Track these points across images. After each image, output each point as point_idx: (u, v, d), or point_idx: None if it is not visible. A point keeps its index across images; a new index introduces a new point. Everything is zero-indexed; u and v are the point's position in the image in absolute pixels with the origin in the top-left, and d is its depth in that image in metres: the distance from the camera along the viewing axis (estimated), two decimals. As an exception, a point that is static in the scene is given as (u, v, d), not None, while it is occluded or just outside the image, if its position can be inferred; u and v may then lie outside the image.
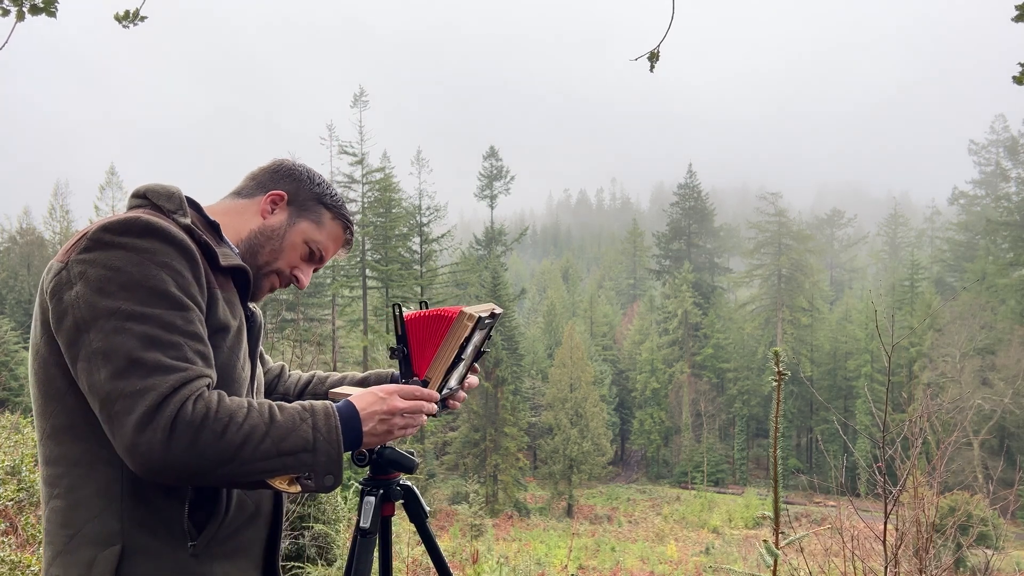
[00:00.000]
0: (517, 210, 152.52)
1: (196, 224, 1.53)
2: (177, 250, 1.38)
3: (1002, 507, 8.85)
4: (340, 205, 1.75)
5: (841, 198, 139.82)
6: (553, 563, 17.13)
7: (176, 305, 1.35)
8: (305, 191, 1.71)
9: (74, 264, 1.34)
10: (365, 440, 1.49)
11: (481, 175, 59.75)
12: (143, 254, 1.34)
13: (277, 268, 1.68)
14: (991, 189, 63.82)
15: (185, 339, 1.34)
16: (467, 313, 1.59)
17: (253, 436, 1.33)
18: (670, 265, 63.51)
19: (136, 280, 1.32)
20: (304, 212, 1.70)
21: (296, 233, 1.68)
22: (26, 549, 4.27)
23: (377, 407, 1.50)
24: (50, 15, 3.10)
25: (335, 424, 1.42)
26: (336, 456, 1.41)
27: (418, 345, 1.63)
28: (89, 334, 1.30)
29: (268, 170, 1.73)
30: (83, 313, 1.30)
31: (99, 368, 1.28)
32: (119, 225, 1.36)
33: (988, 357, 42.73)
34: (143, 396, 1.27)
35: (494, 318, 1.71)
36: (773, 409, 2.71)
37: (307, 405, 1.43)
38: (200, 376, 1.34)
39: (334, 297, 43.83)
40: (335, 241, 1.75)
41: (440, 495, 37.54)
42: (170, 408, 1.27)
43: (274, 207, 1.68)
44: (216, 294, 1.47)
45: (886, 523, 3.52)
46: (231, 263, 1.54)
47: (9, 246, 48.95)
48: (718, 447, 50.43)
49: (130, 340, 1.29)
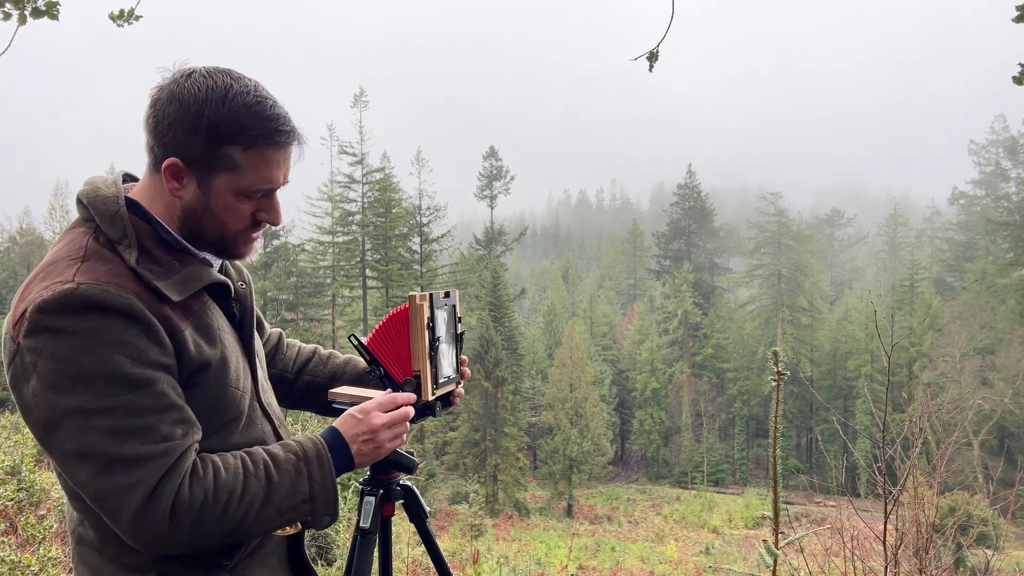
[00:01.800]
0: (517, 210, 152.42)
1: (142, 241, 1.39)
2: (124, 320, 1.27)
3: (1002, 507, 8.86)
4: (241, 127, 1.37)
5: (841, 198, 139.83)
6: (553, 563, 17.12)
7: (137, 384, 1.26)
8: (197, 142, 1.36)
9: (24, 351, 1.26)
10: (357, 462, 1.52)
11: (481, 175, 59.78)
12: (89, 337, 1.24)
13: (233, 234, 1.47)
14: (991, 189, 63.84)
15: (157, 416, 1.28)
16: (416, 295, 1.62)
17: (254, 506, 1.35)
18: (670, 265, 63.51)
19: (89, 371, 1.23)
20: (210, 168, 1.39)
21: (219, 196, 1.41)
22: (26, 549, 4.27)
23: (358, 429, 1.51)
24: (52, 18, 3.11)
25: (329, 470, 1.44)
26: (332, 499, 1.45)
27: (392, 354, 1.64)
28: (57, 434, 1.25)
29: (149, 126, 1.40)
30: (45, 413, 1.25)
31: (78, 468, 1.25)
32: (55, 304, 1.24)
33: (988, 357, 42.74)
34: (131, 492, 1.24)
35: (450, 295, 1.73)
36: (773, 409, 2.71)
37: (301, 453, 1.44)
38: (185, 450, 1.31)
39: (334, 297, 43.83)
40: (271, 166, 1.42)
41: (440, 495, 37.53)
42: (164, 499, 1.26)
43: (178, 184, 1.40)
44: (181, 337, 1.35)
45: (886, 523, 3.51)
46: (184, 296, 1.39)
47: (9, 246, 48.94)
48: (718, 447, 50.41)
49: (101, 439, 1.23)
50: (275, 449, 1.44)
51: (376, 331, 1.65)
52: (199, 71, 1.40)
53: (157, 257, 1.40)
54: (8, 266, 45.67)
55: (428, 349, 1.62)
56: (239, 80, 1.41)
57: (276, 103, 1.43)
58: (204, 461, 1.34)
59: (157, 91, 1.40)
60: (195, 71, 1.40)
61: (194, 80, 1.38)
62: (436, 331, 1.64)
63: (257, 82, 1.44)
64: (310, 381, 1.91)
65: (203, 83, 1.37)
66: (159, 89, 1.40)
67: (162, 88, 1.40)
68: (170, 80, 1.40)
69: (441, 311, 1.68)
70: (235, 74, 1.42)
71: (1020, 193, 57.93)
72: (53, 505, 5.16)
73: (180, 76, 1.40)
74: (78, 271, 1.30)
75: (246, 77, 1.43)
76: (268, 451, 1.43)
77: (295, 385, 1.92)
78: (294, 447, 1.45)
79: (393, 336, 1.64)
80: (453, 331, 1.76)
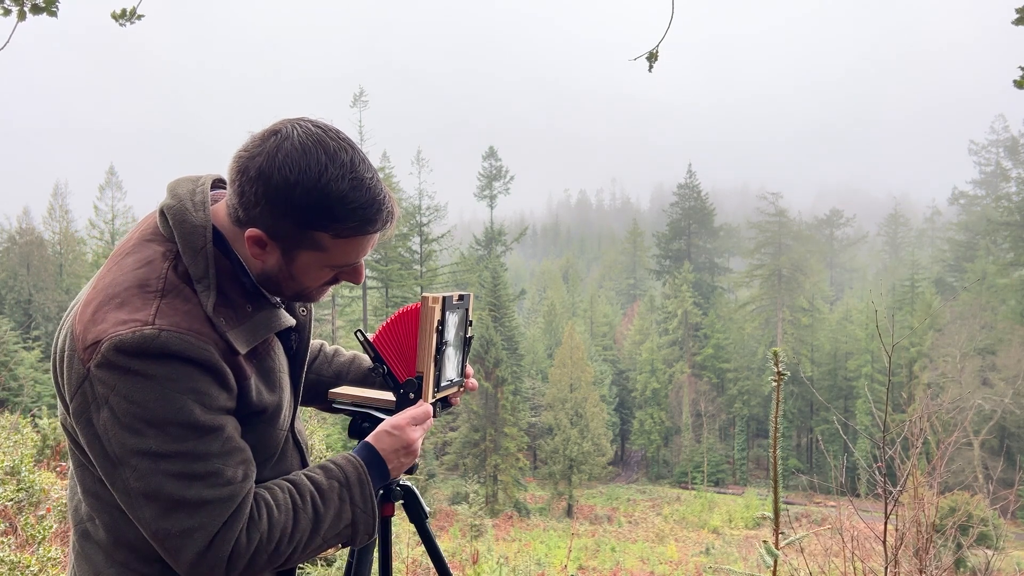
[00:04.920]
0: (517, 210, 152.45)
1: (221, 283, 1.37)
2: (199, 370, 1.27)
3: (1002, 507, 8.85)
4: (333, 218, 1.32)
5: (841, 198, 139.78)
6: (553, 563, 17.12)
7: (208, 430, 1.28)
8: (284, 224, 1.32)
9: (96, 381, 1.25)
10: (392, 476, 1.56)
11: (481, 175, 59.80)
12: (166, 384, 1.24)
13: (311, 291, 1.47)
14: (991, 189, 63.90)
15: (223, 460, 1.30)
16: (430, 296, 1.58)
17: (303, 540, 1.38)
18: (670, 265, 63.55)
19: (161, 416, 1.24)
20: (296, 246, 1.36)
21: (302, 268, 1.40)
22: (26, 549, 4.26)
23: (397, 445, 1.54)
24: (51, 15, 3.11)
25: (370, 493, 1.47)
26: (372, 521, 1.48)
27: (397, 353, 1.62)
28: (124, 470, 1.26)
29: (233, 190, 1.34)
30: (115, 449, 1.25)
31: (142, 507, 1.26)
32: (134, 347, 1.23)
33: (988, 357, 42.77)
34: (192, 536, 1.26)
35: (463, 299, 1.70)
36: (773, 409, 2.70)
37: (343, 479, 1.45)
38: (246, 495, 1.33)
39: (334, 297, 43.86)
40: (357, 249, 1.39)
41: (440, 495, 37.56)
42: (224, 545, 1.28)
43: (260, 250, 1.37)
44: (247, 385, 1.38)
45: (886, 523, 3.51)
46: (252, 345, 1.39)
47: (8, 246, 48.95)
48: (718, 447, 50.43)
49: (168, 481, 1.25)
50: (318, 476, 1.45)
51: (383, 328, 1.63)
52: (292, 140, 1.29)
53: (233, 300, 1.38)
54: (8, 266, 45.67)
55: (434, 352, 1.60)
56: (335, 158, 1.30)
57: (372, 183, 1.34)
58: (257, 501, 1.35)
59: (245, 158, 1.31)
60: (287, 138, 1.29)
61: (285, 156, 1.28)
62: (445, 335, 1.62)
63: (354, 155, 1.33)
64: (315, 379, 1.90)
65: (295, 162, 1.27)
66: (247, 156, 1.31)
67: (250, 156, 1.30)
68: (258, 146, 1.30)
69: (453, 314, 1.66)
70: (331, 147, 1.30)
71: (1020, 193, 57.95)
72: (53, 505, 5.15)
73: (271, 144, 1.29)
74: (158, 311, 1.27)
75: (343, 148, 1.32)
76: (313, 480, 1.44)
77: None
78: (336, 473, 1.45)
79: (400, 335, 1.62)
80: (462, 335, 1.74)
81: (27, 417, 9.39)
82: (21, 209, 57.84)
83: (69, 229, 51.82)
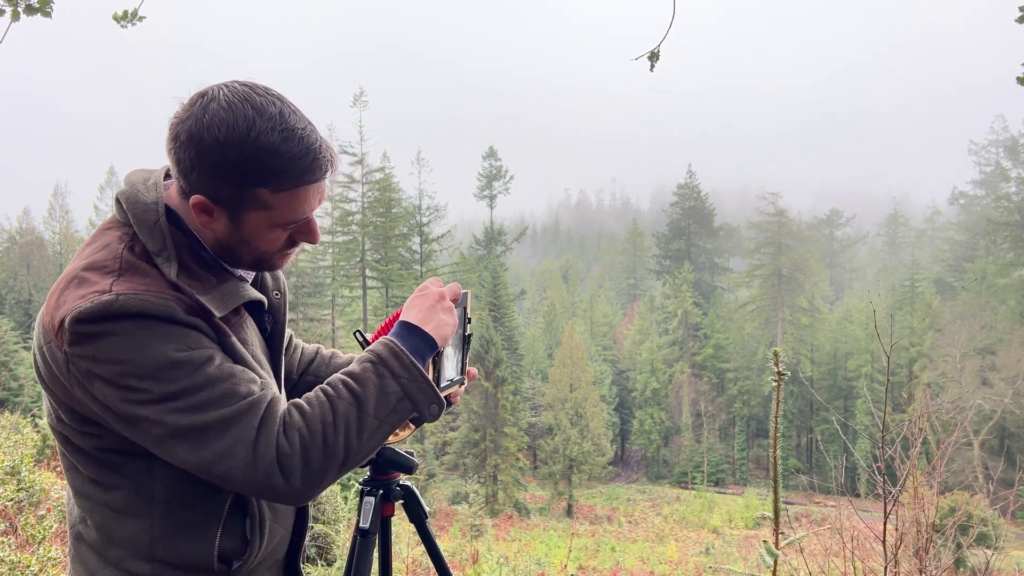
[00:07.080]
0: (517, 210, 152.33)
1: (180, 255, 1.36)
2: (165, 323, 1.25)
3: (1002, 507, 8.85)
4: (268, 171, 1.29)
5: (841, 198, 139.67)
6: (553, 563, 17.11)
7: (200, 363, 1.26)
8: (222, 186, 1.30)
9: (75, 359, 1.24)
10: (438, 339, 1.48)
11: (481, 175, 59.84)
12: (136, 336, 1.23)
13: (269, 255, 1.45)
14: (991, 189, 63.91)
15: (229, 382, 1.28)
16: None
17: (351, 425, 1.33)
18: (670, 265, 63.57)
19: (149, 364, 1.23)
20: (240, 207, 1.34)
21: (253, 230, 1.37)
22: (26, 549, 4.26)
23: (426, 304, 1.51)
24: (45, 15, 3.11)
25: (410, 361, 1.40)
26: (427, 386, 1.41)
27: None
28: (143, 425, 1.25)
29: (171, 160, 1.34)
30: (124, 410, 1.25)
31: (176, 450, 1.26)
32: (93, 314, 1.22)
33: (988, 357, 42.77)
34: (232, 454, 1.26)
35: (461, 297, 1.70)
36: (773, 409, 2.70)
37: (375, 359, 1.40)
38: (271, 400, 1.31)
39: (334, 297, 43.87)
40: (302, 203, 1.36)
41: (440, 495, 37.55)
42: (268, 452, 1.27)
43: (208, 218, 1.35)
44: (228, 342, 1.36)
45: (886, 523, 3.51)
46: (225, 312, 1.37)
47: (9, 246, 48.97)
48: (718, 447, 50.43)
49: (185, 416, 1.24)
50: (350, 367, 1.41)
51: (382, 328, 1.63)
52: (218, 100, 1.28)
53: (195, 272, 1.37)
54: (8, 266, 45.69)
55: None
56: (262, 111, 1.28)
57: (305, 133, 1.31)
58: (288, 408, 1.34)
59: (175, 124, 1.30)
60: (214, 99, 1.28)
61: (212, 116, 1.27)
62: None
63: (283, 107, 1.31)
64: (313, 381, 1.90)
65: (222, 120, 1.26)
66: (177, 122, 1.30)
67: (180, 121, 1.30)
68: (186, 111, 1.30)
69: None
70: (257, 101, 1.29)
71: (1020, 193, 57.98)
72: (53, 505, 5.15)
73: (197, 107, 1.28)
74: (114, 283, 1.27)
75: (271, 101, 1.30)
76: (344, 371, 1.41)
77: (298, 386, 1.92)
78: (366, 356, 1.42)
79: None
80: (461, 332, 1.74)
81: (27, 417, 9.40)
82: (21, 209, 57.93)
83: (69, 229, 51.86)
